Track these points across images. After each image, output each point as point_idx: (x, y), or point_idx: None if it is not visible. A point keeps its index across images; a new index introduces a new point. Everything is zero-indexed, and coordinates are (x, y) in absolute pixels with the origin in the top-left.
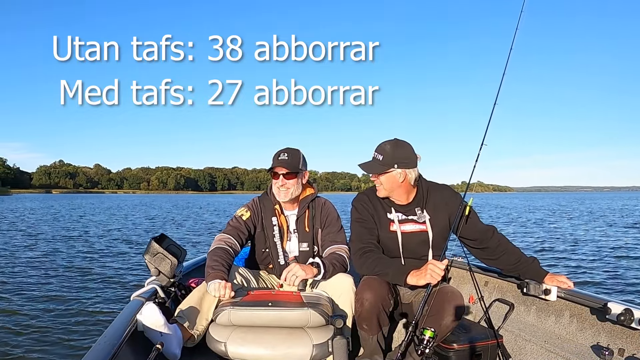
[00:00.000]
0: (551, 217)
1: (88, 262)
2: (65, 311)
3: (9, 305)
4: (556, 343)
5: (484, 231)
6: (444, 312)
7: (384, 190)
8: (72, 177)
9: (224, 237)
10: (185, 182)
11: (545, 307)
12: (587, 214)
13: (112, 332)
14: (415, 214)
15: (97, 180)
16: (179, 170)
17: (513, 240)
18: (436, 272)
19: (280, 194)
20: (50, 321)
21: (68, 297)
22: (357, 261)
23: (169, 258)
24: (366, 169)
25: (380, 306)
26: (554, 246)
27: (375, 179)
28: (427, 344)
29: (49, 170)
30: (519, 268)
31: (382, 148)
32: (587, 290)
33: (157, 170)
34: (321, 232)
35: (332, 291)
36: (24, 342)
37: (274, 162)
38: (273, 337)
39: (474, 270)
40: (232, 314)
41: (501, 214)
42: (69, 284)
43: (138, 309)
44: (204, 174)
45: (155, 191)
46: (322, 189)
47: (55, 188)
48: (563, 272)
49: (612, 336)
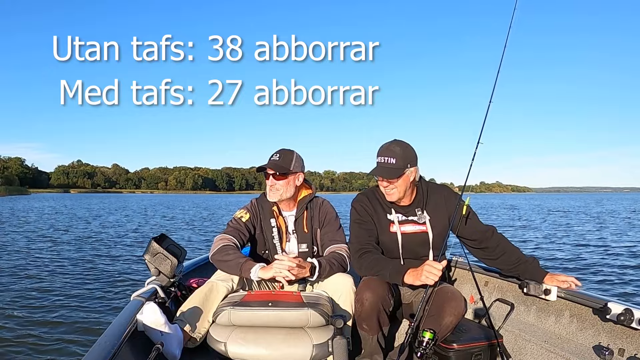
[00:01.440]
0: (561, 219)
1: (88, 262)
2: (65, 311)
3: (9, 304)
4: (556, 343)
5: (484, 231)
6: (444, 312)
7: (398, 193)
8: (90, 177)
9: (226, 236)
10: (202, 182)
11: (545, 307)
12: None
13: (112, 332)
14: (416, 215)
15: (115, 180)
16: (196, 170)
17: (524, 240)
18: (433, 273)
19: (270, 194)
20: (50, 321)
21: (68, 297)
22: (355, 262)
23: (169, 258)
24: (386, 174)
25: (380, 306)
26: (558, 247)
27: (388, 185)
28: (426, 346)
29: (67, 170)
30: (518, 268)
31: (391, 151)
32: (587, 290)
33: (174, 170)
34: (320, 232)
35: (332, 291)
36: (23, 342)
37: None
38: (273, 337)
39: (474, 270)
40: (232, 314)
41: (513, 215)
42: (69, 284)
43: (138, 309)
44: (221, 174)
45: (173, 191)
46: (340, 189)
47: (74, 188)
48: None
49: (612, 336)
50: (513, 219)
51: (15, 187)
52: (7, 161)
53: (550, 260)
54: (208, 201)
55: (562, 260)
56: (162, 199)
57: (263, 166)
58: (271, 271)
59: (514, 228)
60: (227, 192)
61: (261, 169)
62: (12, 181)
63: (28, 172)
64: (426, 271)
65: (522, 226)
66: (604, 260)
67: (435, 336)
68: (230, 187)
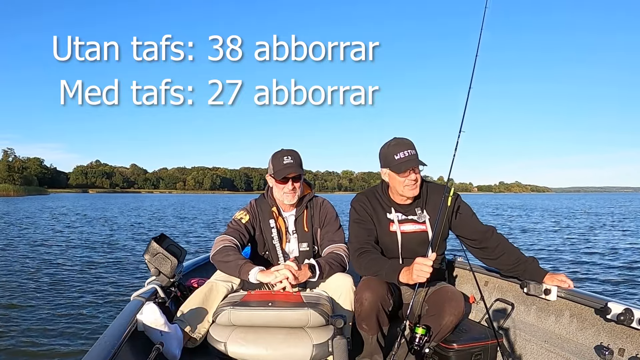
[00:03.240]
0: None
1: (88, 261)
2: (65, 311)
3: (9, 304)
4: (556, 343)
5: (484, 231)
6: (444, 312)
7: (418, 187)
8: (108, 177)
9: (227, 237)
10: (221, 182)
11: (545, 307)
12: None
13: (112, 332)
14: (415, 214)
15: (133, 180)
16: (214, 170)
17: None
18: (423, 270)
19: (291, 197)
20: (50, 321)
21: (68, 297)
22: (354, 262)
23: (169, 258)
24: (419, 162)
25: (380, 306)
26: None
27: (417, 175)
28: (419, 342)
29: (86, 170)
30: (518, 268)
31: (407, 144)
32: (587, 290)
33: (193, 170)
34: (320, 232)
35: (332, 291)
36: (23, 342)
37: (282, 168)
38: (273, 337)
39: (474, 270)
40: (232, 314)
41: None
42: (69, 284)
43: (138, 309)
44: (239, 174)
45: (191, 191)
46: (359, 189)
47: (92, 188)
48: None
49: (612, 336)
50: (512, 220)
51: (34, 187)
52: (26, 162)
53: (554, 260)
54: (227, 201)
55: (564, 260)
56: (180, 199)
57: (289, 171)
58: (270, 277)
59: (514, 229)
60: (245, 192)
61: (288, 177)
62: (31, 181)
63: (47, 172)
64: (416, 270)
65: (524, 229)
66: (604, 260)
67: (429, 332)
68: (249, 187)
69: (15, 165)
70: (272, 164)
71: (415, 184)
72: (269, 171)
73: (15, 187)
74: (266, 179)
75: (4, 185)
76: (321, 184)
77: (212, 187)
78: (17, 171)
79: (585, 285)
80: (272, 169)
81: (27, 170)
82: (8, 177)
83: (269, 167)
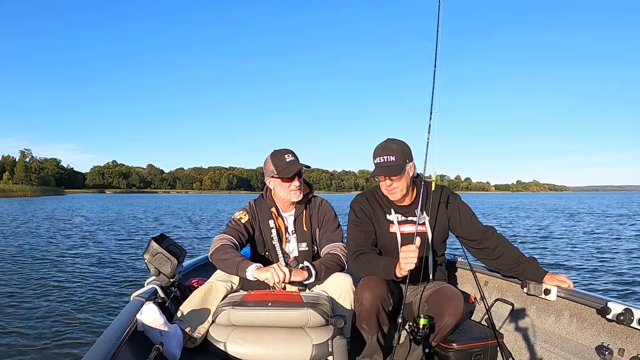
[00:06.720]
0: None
1: (88, 261)
2: (65, 311)
3: (9, 304)
4: (556, 343)
5: (483, 232)
6: (444, 312)
7: (400, 191)
8: (125, 177)
9: (225, 236)
10: (237, 181)
11: (545, 307)
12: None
13: (112, 332)
14: (415, 215)
15: (150, 180)
16: (231, 170)
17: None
18: (409, 257)
19: (296, 195)
20: (50, 321)
21: (68, 297)
22: (352, 265)
23: (168, 258)
24: (390, 172)
25: (380, 306)
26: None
27: (391, 183)
28: (422, 331)
29: (103, 171)
30: (518, 268)
31: (388, 149)
32: (587, 290)
33: (209, 170)
34: (319, 232)
35: (332, 291)
36: (23, 342)
37: (287, 166)
38: (273, 337)
39: (474, 270)
40: (231, 314)
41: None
42: (68, 284)
43: (138, 309)
44: (256, 174)
45: (208, 191)
46: None
47: (109, 188)
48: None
49: (612, 336)
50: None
51: (51, 188)
52: (43, 162)
53: (553, 260)
54: (243, 200)
55: (564, 260)
56: (197, 198)
57: (295, 170)
58: (267, 274)
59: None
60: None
61: (296, 173)
62: (48, 182)
63: (64, 172)
64: (402, 258)
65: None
66: (604, 260)
67: (430, 322)
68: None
69: (32, 166)
70: (273, 164)
71: (390, 190)
72: (268, 173)
73: (33, 187)
74: (265, 182)
75: (21, 186)
76: (338, 184)
77: (228, 186)
78: (34, 172)
79: (587, 285)
80: (275, 169)
81: (44, 170)
82: (25, 177)
83: (267, 170)
